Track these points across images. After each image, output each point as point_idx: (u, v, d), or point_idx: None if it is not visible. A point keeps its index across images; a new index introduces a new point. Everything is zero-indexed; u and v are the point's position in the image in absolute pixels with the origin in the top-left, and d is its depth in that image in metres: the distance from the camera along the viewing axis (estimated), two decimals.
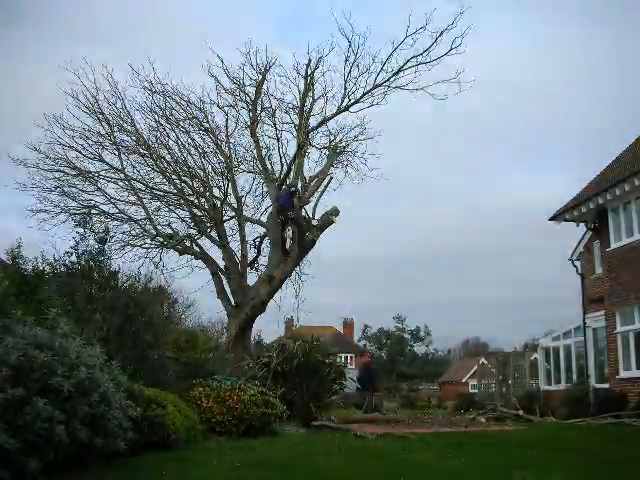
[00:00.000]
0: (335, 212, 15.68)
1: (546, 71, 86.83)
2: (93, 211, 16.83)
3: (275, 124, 17.03)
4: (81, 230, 10.57)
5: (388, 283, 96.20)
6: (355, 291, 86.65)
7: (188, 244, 17.51)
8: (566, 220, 17.93)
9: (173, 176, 17.36)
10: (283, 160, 17.21)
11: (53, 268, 9.74)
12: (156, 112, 16.95)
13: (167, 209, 18.16)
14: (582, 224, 17.89)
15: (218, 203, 17.61)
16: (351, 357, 49.46)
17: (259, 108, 16.99)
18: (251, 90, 16.89)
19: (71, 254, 10.11)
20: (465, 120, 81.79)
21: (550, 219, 18.29)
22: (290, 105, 16.73)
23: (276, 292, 16.34)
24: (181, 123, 17.28)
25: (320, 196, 17.02)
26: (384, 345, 73.91)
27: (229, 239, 17.48)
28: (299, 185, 17.34)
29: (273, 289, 16.15)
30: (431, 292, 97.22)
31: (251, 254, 17.75)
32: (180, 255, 17.37)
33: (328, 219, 15.64)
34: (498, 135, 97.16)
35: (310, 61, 16.14)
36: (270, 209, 17.34)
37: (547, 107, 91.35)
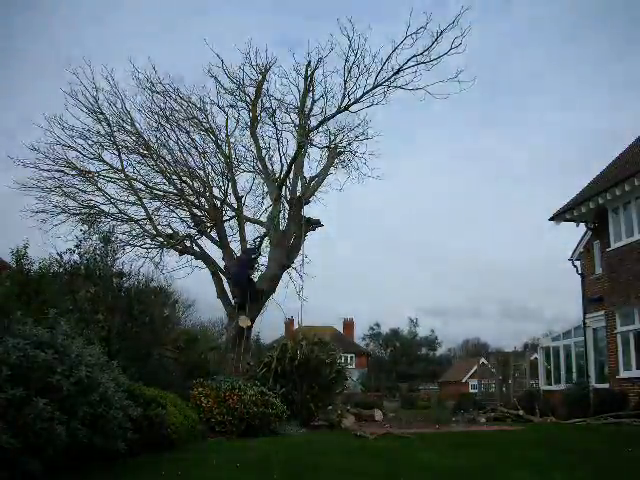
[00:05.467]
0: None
1: None
2: (93, 211, 16.85)
3: (275, 124, 17.03)
4: (85, 227, 10.57)
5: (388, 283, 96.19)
6: (356, 291, 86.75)
7: (188, 244, 17.50)
8: (566, 220, 17.92)
9: (173, 176, 17.36)
10: (283, 160, 17.23)
11: (59, 266, 9.73)
12: (156, 112, 16.96)
13: (167, 209, 18.16)
14: (582, 224, 17.89)
15: (218, 203, 17.60)
16: (351, 357, 49.51)
17: (259, 108, 16.99)
18: (251, 90, 16.91)
19: (73, 252, 10.10)
20: None
21: (550, 219, 18.29)
22: (290, 105, 16.74)
23: (274, 291, 16.38)
24: (181, 123, 17.27)
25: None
26: (390, 346, 74.32)
27: (229, 239, 17.48)
28: (299, 185, 17.37)
29: (272, 288, 16.21)
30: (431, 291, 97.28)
31: None
32: (180, 255, 17.37)
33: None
34: None
35: (310, 61, 16.15)
36: (270, 209, 17.36)
37: None
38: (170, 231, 17.78)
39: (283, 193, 17.17)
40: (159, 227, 17.45)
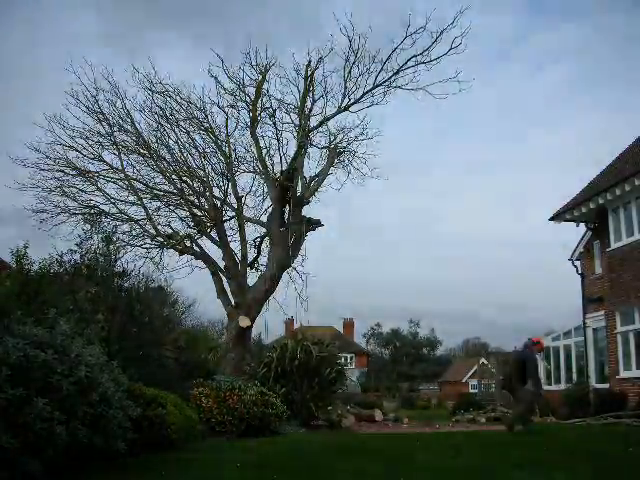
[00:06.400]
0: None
1: None
2: (93, 211, 16.86)
3: (275, 124, 17.03)
4: (87, 227, 10.53)
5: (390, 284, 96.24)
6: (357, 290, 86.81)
7: (188, 244, 17.51)
8: (566, 220, 17.92)
9: (173, 176, 17.35)
10: (283, 160, 17.23)
11: (59, 266, 9.71)
12: (156, 112, 16.97)
13: (167, 209, 18.16)
14: (582, 224, 17.89)
15: (218, 203, 17.60)
16: (351, 357, 49.53)
17: (259, 108, 16.98)
18: (251, 90, 16.91)
19: (75, 251, 10.08)
20: None
21: (550, 219, 18.29)
22: (290, 105, 16.74)
23: (274, 291, 16.39)
24: (181, 123, 17.28)
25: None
26: (391, 346, 74.47)
27: (229, 239, 17.48)
28: (299, 185, 17.37)
29: (272, 287, 16.24)
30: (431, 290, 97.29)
31: (251, 254, 17.77)
32: (180, 255, 17.37)
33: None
34: None
35: (310, 61, 16.16)
36: (270, 209, 17.36)
37: None
38: (170, 231, 17.78)
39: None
40: (159, 227, 17.47)
